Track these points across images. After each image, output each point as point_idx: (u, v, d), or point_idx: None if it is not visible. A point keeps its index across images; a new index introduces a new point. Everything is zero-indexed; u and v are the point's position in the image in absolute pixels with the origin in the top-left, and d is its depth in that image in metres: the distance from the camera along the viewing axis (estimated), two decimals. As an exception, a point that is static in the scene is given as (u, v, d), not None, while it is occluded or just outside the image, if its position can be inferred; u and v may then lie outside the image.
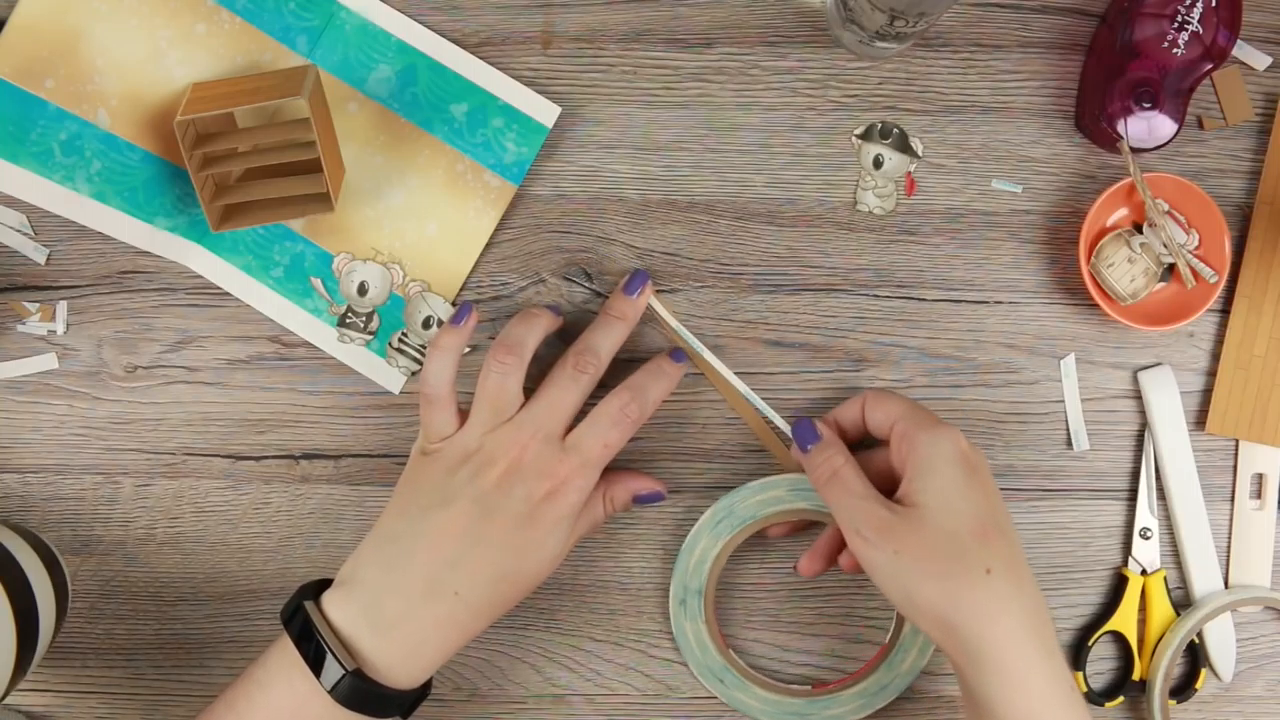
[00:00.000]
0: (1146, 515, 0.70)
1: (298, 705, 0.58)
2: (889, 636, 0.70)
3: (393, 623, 0.59)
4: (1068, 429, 0.70)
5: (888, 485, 0.62)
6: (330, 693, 0.57)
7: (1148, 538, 0.70)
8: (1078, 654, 0.71)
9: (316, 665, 0.57)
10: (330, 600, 0.60)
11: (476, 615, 0.61)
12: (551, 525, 0.62)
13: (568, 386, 0.63)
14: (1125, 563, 0.71)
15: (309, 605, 0.60)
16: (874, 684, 0.69)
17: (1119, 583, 0.70)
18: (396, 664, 0.59)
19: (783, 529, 0.69)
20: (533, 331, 0.65)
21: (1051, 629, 0.58)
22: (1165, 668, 0.69)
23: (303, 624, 0.59)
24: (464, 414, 0.65)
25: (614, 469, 0.68)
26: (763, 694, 0.69)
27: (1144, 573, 0.70)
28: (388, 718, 0.59)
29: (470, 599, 0.60)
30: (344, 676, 0.57)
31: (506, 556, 0.61)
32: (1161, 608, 0.70)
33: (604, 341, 0.65)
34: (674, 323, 0.69)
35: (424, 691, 0.61)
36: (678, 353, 0.68)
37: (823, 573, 0.68)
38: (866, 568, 0.60)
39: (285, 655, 0.59)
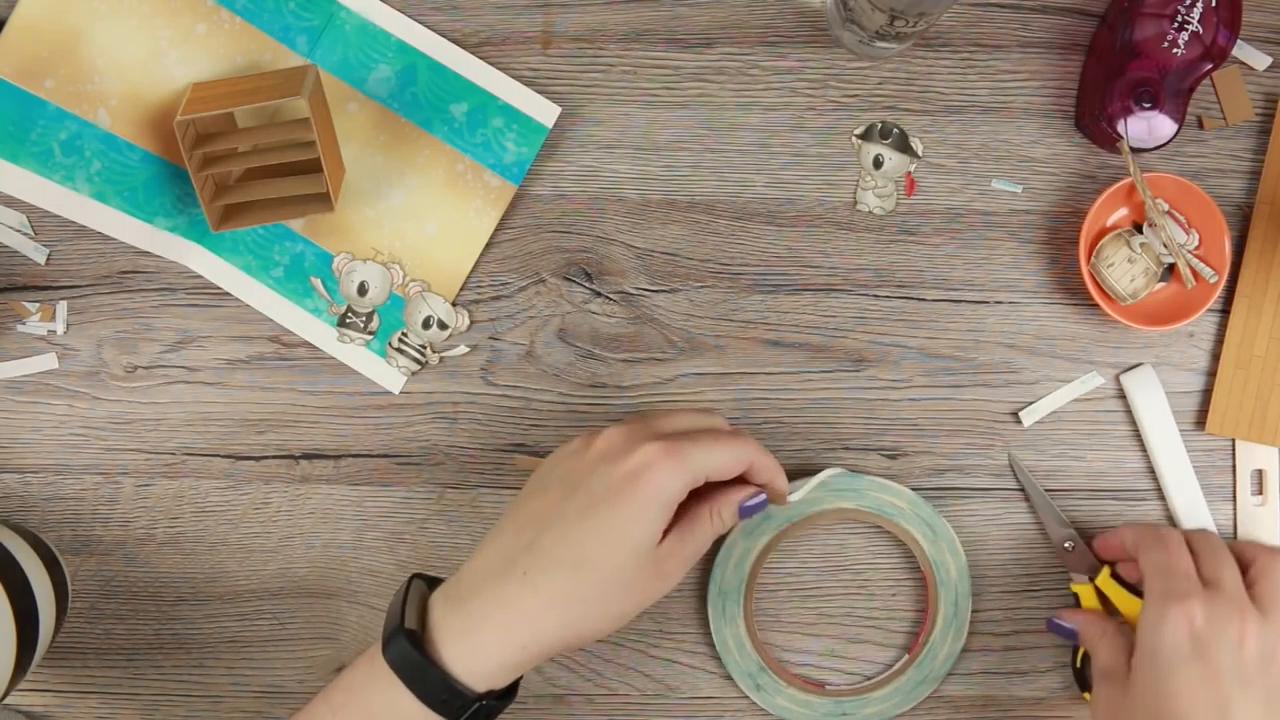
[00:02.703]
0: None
1: (365, 671, 0.57)
2: (920, 635, 0.70)
3: (463, 597, 0.57)
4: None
5: None
6: (383, 650, 0.56)
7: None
8: (1082, 671, 0.71)
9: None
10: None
11: (549, 603, 0.56)
12: (634, 509, 0.56)
13: (699, 416, 0.61)
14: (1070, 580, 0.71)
15: (416, 580, 0.59)
16: (908, 681, 0.70)
17: (1074, 598, 0.70)
18: (453, 639, 0.56)
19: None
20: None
21: None
22: None
23: (405, 592, 0.58)
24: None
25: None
26: (801, 696, 0.70)
27: (1090, 580, 0.69)
28: (430, 703, 0.55)
29: (539, 582, 0.56)
30: (396, 631, 0.56)
31: (583, 537, 0.56)
32: (1124, 599, 0.68)
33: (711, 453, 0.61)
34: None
35: (485, 701, 0.56)
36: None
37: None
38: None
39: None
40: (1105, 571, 0.68)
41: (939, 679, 0.70)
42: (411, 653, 0.55)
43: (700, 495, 0.59)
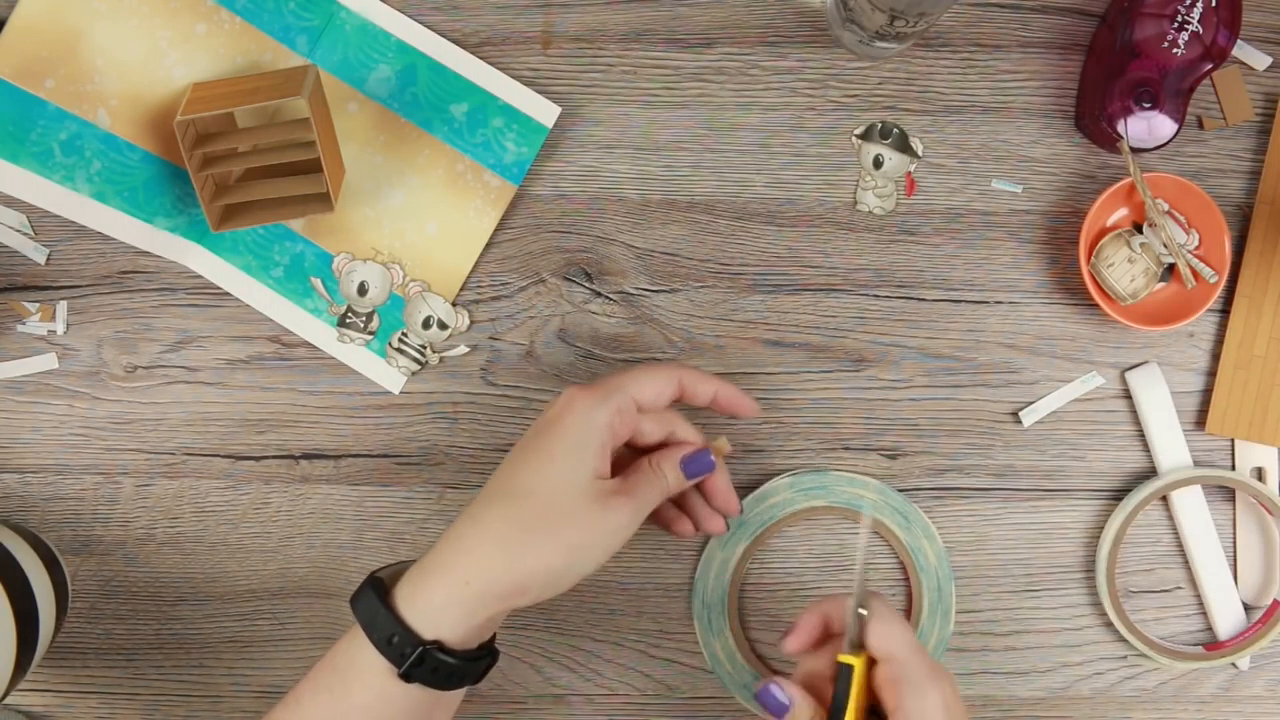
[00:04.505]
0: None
1: (349, 637, 0.57)
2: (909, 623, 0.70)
3: (426, 554, 0.58)
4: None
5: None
6: (351, 601, 0.57)
7: None
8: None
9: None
10: None
11: (485, 532, 0.56)
12: (557, 436, 0.58)
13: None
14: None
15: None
16: None
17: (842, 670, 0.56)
18: (407, 586, 0.56)
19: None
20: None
21: None
22: (1108, 558, 0.69)
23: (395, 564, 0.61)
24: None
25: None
26: None
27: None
28: (379, 646, 0.55)
29: (478, 515, 0.57)
30: (364, 581, 0.57)
31: (512, 469, 0.58)
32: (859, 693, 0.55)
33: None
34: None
35: (431, 647, 0.55)
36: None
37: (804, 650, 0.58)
38: None
39: None
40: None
41: None
42: (370, 596, 0.56)
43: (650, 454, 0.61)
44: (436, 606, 0.55)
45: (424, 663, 0.55)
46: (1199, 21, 0.65)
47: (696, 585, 0.70)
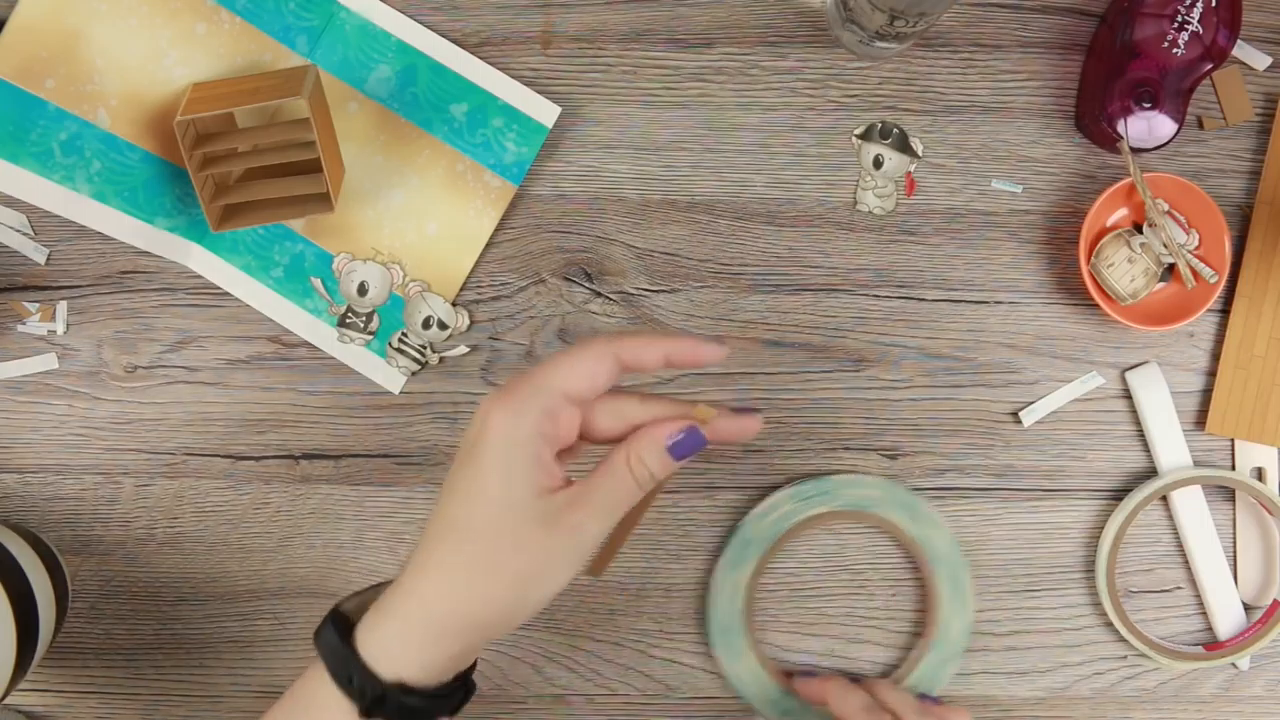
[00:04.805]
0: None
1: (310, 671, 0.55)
2: (927, 614, 0.70)
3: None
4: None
5: None
6: (314, 635, 0.54)
7: None
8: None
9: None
10: None
11: (423, 572, 0.52)
12: (483, 463, 0.52)
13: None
14: None
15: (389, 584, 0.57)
16: (930, 665, 0.70)
17: None
18: (366, 623, 0.53)
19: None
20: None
21: None
22: (1108, 557, 0.70)
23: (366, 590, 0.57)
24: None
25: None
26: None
27: None
28: (340, 684, 0.52)
29: (417, 556, 0.53)
30: (328, 614, 0.54)
31: (448, 501, 0.53)
32: None
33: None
34: None
35: (393, 690, 0.52)
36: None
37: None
38: None
39: None
40: None
41: (960, 654, 0.70)
42: (330, 633, 0.53)
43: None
44: (395, 647, 0.52)
45: (385, 702, 0.52)
46: (1199, 21, 0.65)
47: (710, 613, 0.69)
